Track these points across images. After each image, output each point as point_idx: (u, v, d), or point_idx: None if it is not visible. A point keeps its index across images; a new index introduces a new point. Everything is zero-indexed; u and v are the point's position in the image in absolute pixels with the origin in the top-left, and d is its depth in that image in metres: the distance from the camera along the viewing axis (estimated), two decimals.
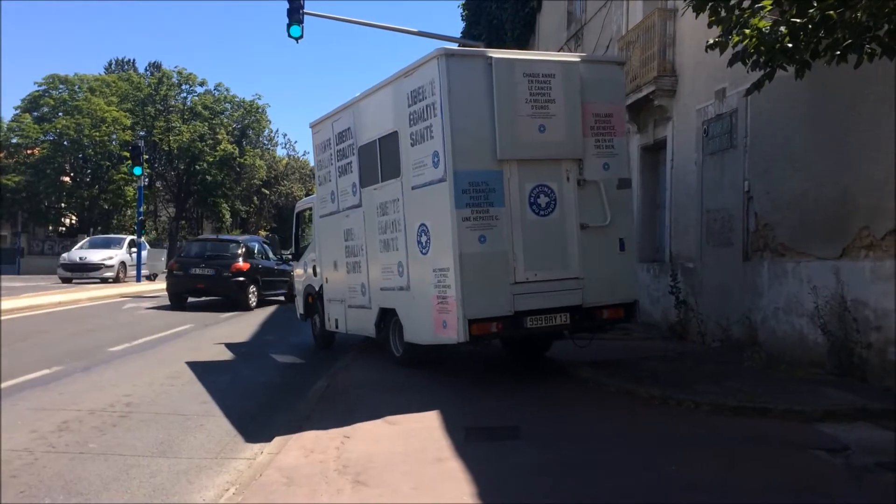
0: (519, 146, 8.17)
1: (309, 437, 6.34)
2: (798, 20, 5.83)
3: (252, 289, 18.82)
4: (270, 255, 20.98)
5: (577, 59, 8.83)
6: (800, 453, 5.71)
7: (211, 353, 11.68)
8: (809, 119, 8.65)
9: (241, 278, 18.51)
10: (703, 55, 10.72)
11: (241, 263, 18.68)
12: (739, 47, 6.55)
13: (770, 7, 6.16)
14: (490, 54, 8.35)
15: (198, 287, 18.84)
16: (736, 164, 10.11)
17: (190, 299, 19.13)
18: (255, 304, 18.85)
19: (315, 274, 12.12)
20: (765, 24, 6.07)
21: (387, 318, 9.63)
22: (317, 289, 12.02)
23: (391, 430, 6.55)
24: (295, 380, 9.36)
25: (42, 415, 7.36)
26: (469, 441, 6.14)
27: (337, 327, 11.28)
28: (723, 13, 6.41)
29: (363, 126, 9.99)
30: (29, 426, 6.89)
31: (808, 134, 8.72)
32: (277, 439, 6.36)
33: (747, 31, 6.14)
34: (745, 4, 6.49)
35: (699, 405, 6.96)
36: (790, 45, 6.00)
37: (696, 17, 7.35)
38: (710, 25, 6.88)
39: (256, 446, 6.40)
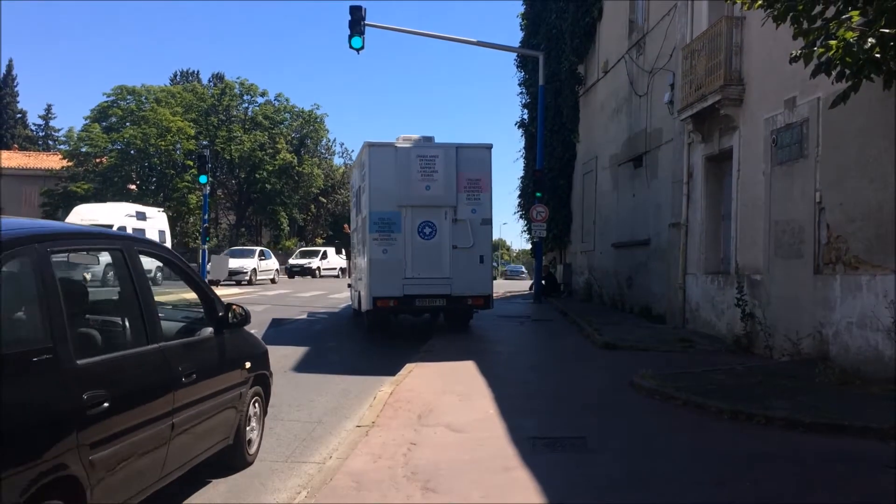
0: (412, 198, 13.48)
1: (376, 442, 6.40)
2: (887, 30, 5.67)
3: None
4: None
5: (455, 146, 13.78)
6: (879, 472, 5.54)
7: (276, 355, 11.83)
8: (884, 129, 8.39)
9: None
10: (771, 63, 10.60)
11: None
12: (824, 58, 6.38)
13: (857, 18, 5.99)
14: (396, 145, 13.71)
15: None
16: (807, 174, 9.86)
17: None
18: None
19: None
20: (851, 35, 5.91)
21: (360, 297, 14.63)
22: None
23: (457, 438, 6.57)
24: (359, 385, 9.45)
25: None
26: (536, 451, 6.13)
27: (351, 302, 17.43)
28: (805, 24, 6.27)
29: (356, 178, 16.39)
30: None
31: (883, 144, 8.46)
32: (345, 445, 6.45)
33: (833, 42, 5.98)
34: (829, 15, 6.33)
35: (771, 420, 6.80)
36: (878, 55, 5.83)
37: (777, 28, 7.20)
38: (794, 37, 6.74)
39: (325, 451, 6.50)
